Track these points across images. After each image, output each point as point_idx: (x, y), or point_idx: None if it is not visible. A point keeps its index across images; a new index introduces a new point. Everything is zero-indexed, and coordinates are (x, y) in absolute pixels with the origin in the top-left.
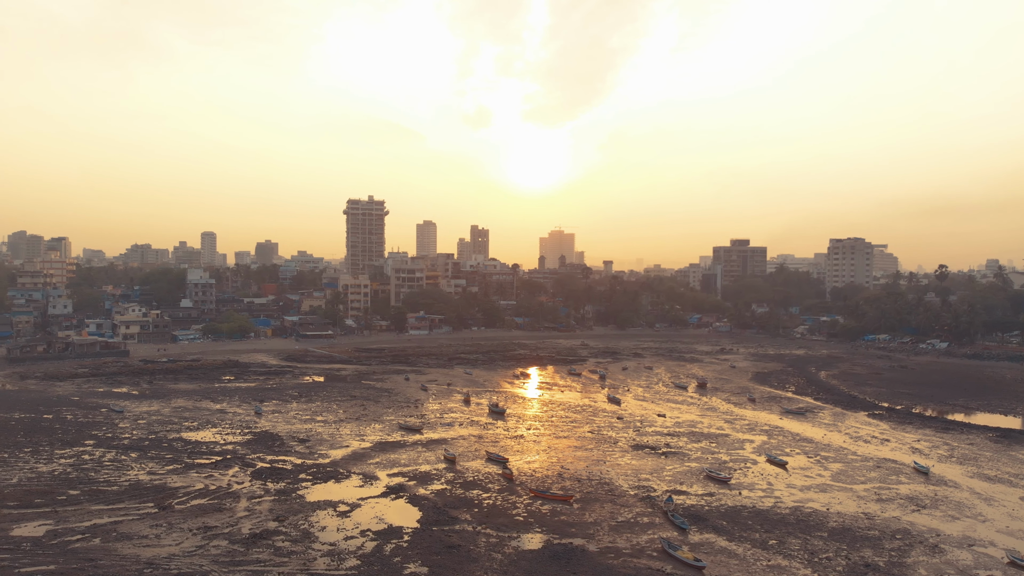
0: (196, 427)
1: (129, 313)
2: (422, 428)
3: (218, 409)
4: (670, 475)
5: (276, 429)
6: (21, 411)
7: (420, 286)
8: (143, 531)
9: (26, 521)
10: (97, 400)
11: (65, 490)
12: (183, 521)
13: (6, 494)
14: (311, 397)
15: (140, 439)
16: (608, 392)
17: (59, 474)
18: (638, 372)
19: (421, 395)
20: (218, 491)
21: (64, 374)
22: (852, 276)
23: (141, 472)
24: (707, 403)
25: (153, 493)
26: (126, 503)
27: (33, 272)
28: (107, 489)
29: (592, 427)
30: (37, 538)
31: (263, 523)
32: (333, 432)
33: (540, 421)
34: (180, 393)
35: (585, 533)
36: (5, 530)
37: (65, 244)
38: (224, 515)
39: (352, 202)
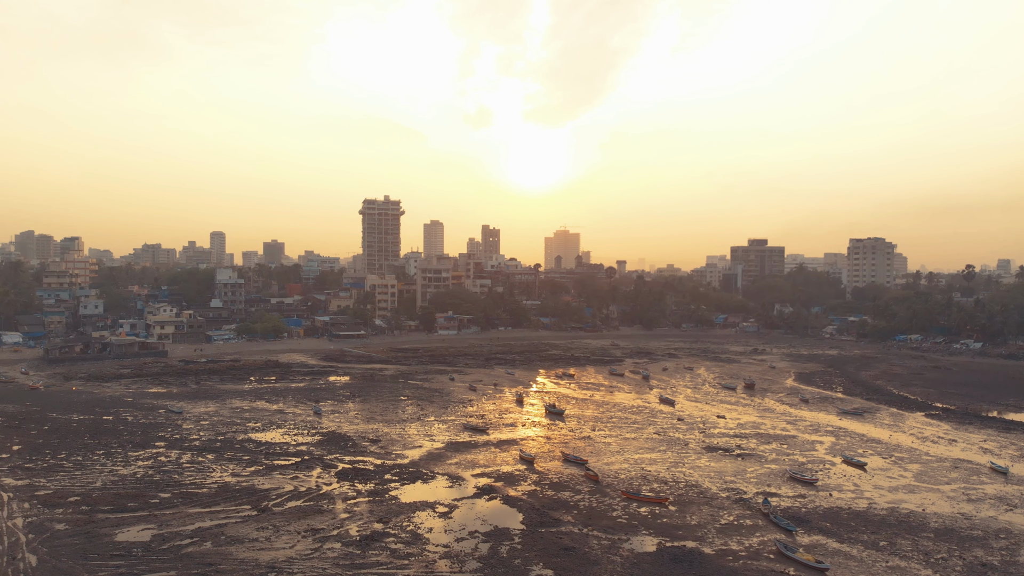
0: (261, 428)
1: (161, 313)
2: (487, 429)
3: (276, 410)
4: (754, 477)
5: (342, 429)
6: (79, 412)
7: (446, 286)
8: (251, 534)
9: (126, 526)
10: (151, 401)
11: (155, 493)
12: (287, 523)
13: (95, 498)
14: (366, 397)
15: (210, 440)
16: (660, 393)
17: (141, 477)
18: (679, 373)
19: (472, 395)
20: (309, 492)
21: (108, 375)
22: (873, 276)
23: (224, 474)
24: (761, 404)
25: (245, 495)
26: (221, 505)
27: (59, 272)
28: (197, 492)
29: (656, 428)
30: (145, 543)
31: (368, 525)
32: (400, 432)
33: (601, 422)
34: (232, 394)
35: (694, 536)
36: (108, 535)
37: (78, 244)
38: (325, 517)
39: (368, 202)
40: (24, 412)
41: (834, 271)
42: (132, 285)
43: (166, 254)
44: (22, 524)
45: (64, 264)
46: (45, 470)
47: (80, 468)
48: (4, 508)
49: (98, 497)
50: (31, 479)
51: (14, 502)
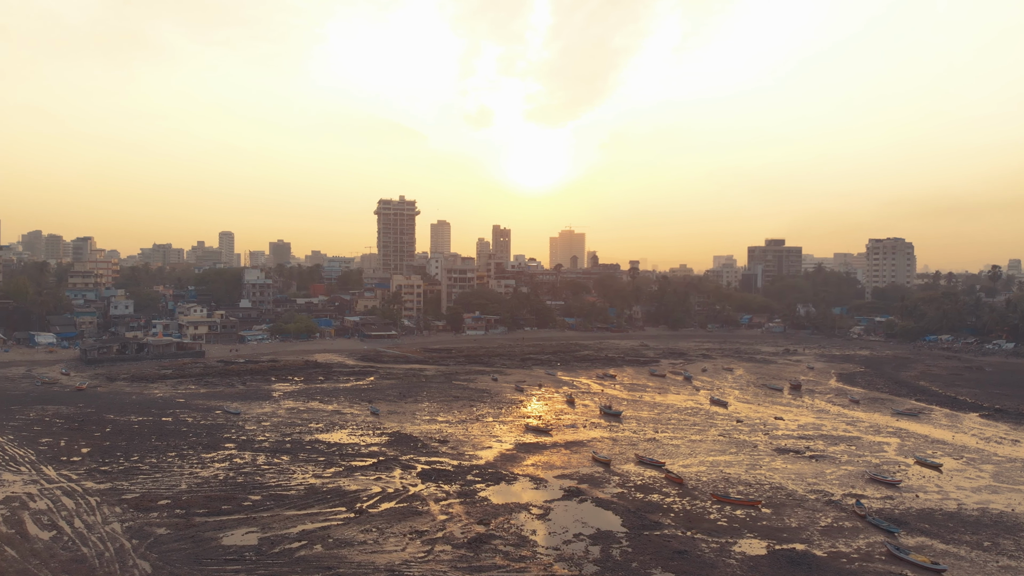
0: (324, 429)
1: (192, 314)
2: (550, 430)
3: (333, 410)
4: (834, 479)
5: (406, 430)
6: (135, 414)
7: (471, 287)
8: (356, 536)
9: (228, 529)
10: (204, 402)
11: (244, 495)
12: (388, 525)
13: (185, 501)
14: (417, 397)
15: (279, 442)
16: (710, 395)
17: (224, 479)
18: (719, 374)
19: (520, 396)
20: (398, 494)
21: (151, 375)
22: (893, 276)
23: (306, 476)
24: (812, 405)
25: (335, 497)
26: (316, 508)
27: (84, 272)
28: (285, 494)
29: (718, 430)
30: (254, 547)
31: (469, 527)
32: (464, 433)
33: (660, 424)
34: (282, 394)
35: (798, 538)
36: (213, 539)
37: (90, 244)
38: (424, 519)
39: (383, 202)
40: (80, 413)
41: (849, 271)
42: (157, 285)
43: (176, 254)
44: (121, 529)
45: (88, 264)
46: (123, 473)
47: (158, 470)
48: (96, 513)
49: (188, 500)
50: (112, 482)
51: (103, 506)
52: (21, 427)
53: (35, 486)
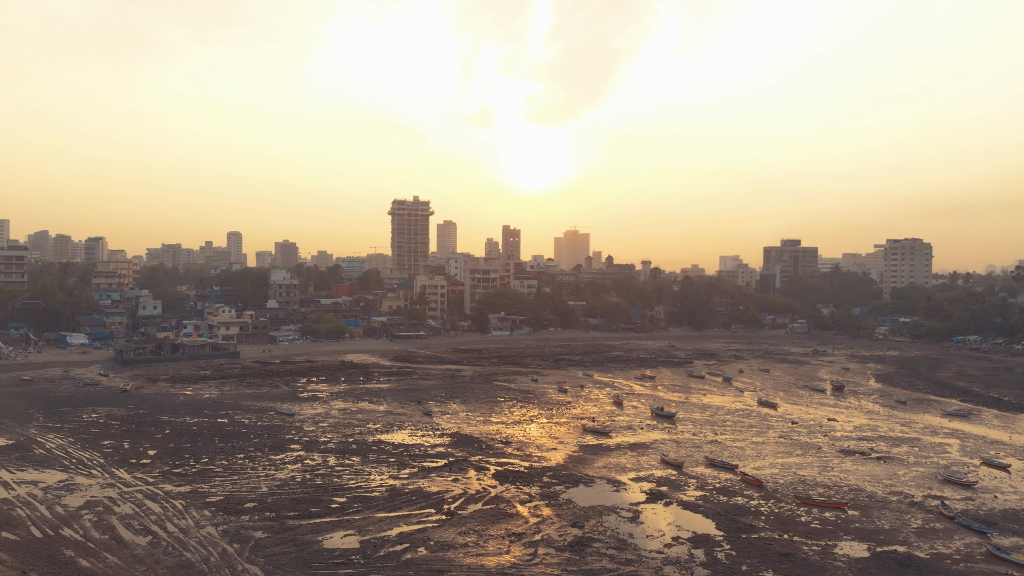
0: (382, 429)
1: (221, 314)
2: (609, 432)
3: (385, 411)
4: (908, 480)
5: (464, 431)
6: (189, 415)
7: (494, 287)
8: (456, 539)
9: (324, 532)
10: (252, 403)
11: (329, 497)
12: (483, 527)
13: (271, 503)
14: (463, 398)
15: (343, 443)
16: (757, 396)
17: (302, 481)
18: (756, 375)
19: (565, 397)
20: (480, 495)
21: (191, 377)
22: (911, 277)
23: (382, 477)
24: (860, 407)
25: (420, 498)
26: (405, 510)
27: (108, 272)
28: (370, 496)
29: (777, 432)
30: (358, 550)
31: (565, 529)
32: (525, 434)
33: (715, 425)
34: (329, 395)
35: (896, 540)
36: (314, 542)
37: (102, 244)
38: (516, 521)
39: (398, 202)
40: (133, 415)
41: (862, 271)
42: (180, 285)
43: (186, 254)
44: (217, 533)
45: (111, 264)
46: (197, 475)
47: (232, 472)
48: (186, 517)
49: (273, 503)
50: (190, 485)
51: (191, 509)
52: (79, 429)
53: (113, 489)
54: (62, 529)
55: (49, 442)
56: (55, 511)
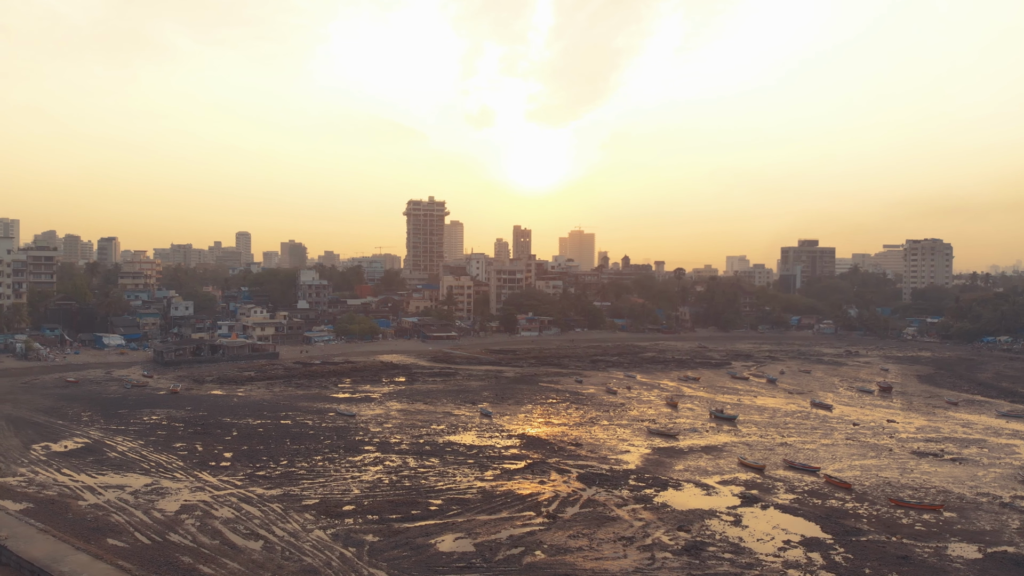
0: (446, 431)
1: (254, 315)
2: (676, 434)
3: (443, 412)
4: (990, 481)
5: (530, 432)
6: (250, 417)
7: (520, 287)
8: (568, 543)
9: (433, 535)
10: (308, 404)
11: (424, 499)
12: (590, 530)
13: (369, 506)
14: (516, 399)
15: (415, 444)
16: (806, 397)
17: (390, 483)
18: (797, 376)
19: (615, 399)
20: (574, 498)
21: (237, 378)
22: (932, 277)
23: (468, 479)
24: (912, 407)
25: (516, 500)
26: (505, 512)
27: (135, 273)
28: (464, 498)
29: (841, 434)
30: (475, 553)
31: (673, 533)
32: (592, 437)
33: (778, 428)
34: (380, 396)
35: (1001, 540)
36: (428, 546)
37: (115, 244)
38: (621, 524)
39: (413, 203)
40: (194, 417)
41: (877, 271)
42: (205, 286)
43: (197, 254)
44: (327, 536)
45: (137, 265)
46: (283, 478)
47: (317, 475)
48: (289, 520)
49: (371, 505)
50: (280, 488)
51: (291, 512)
52: (144, 431)
53: (203, 493)
54: (168, 535)
55: (120, 445)
56: (153, 516)
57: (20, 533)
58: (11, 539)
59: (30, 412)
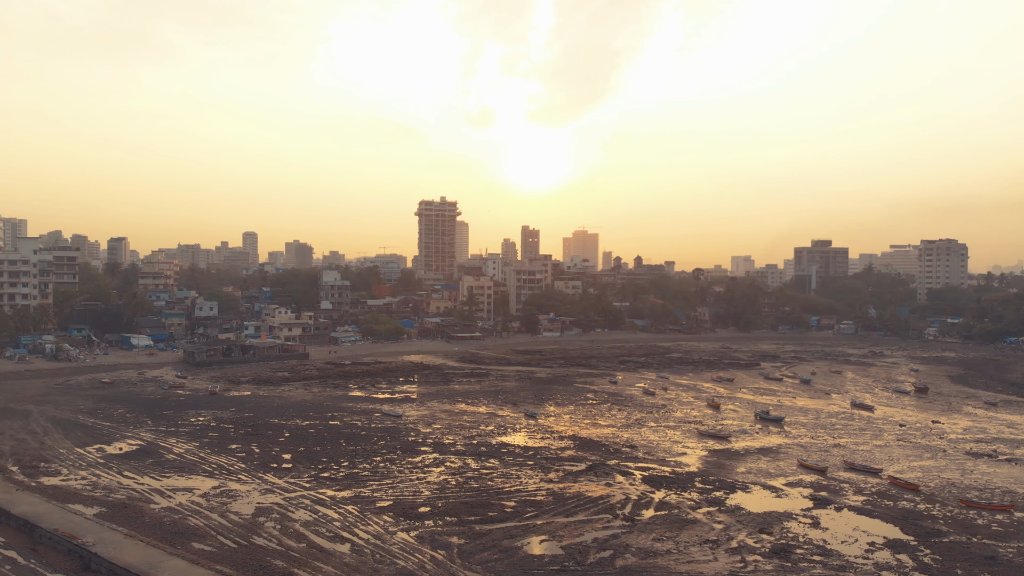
0: (496, 432)
1: (278, 315)
2: (728, 436)
3: (487, 413)
4: None
5: (580, 433)
6: (297, 418)
7: (540, 288)
8: (654, 546)
9: (517, 537)
10: (352, 404)
11: (497, 501)
12: (672, 533)
13: (443, 508)
14: (555, 400)
15: (470, 445)
16: (845, 398)
17: (457, 485)
18: (829, 377)
19: (653, 400)
20: (646, 500)
21: (271, 378)
22: (947, 278)
23: (535, 481)
24: (952, 407)
25: (588, 503)
26: (582, 515)
27: (155, 273)
28: (536, 499)
29: (891, 435)
30: (564, 556)
31: (756, 535)
32: (644, 438)
33: (825, 429)
34: (421, 396)
35: None
36: (516, 548)
37: (124, 244)
38: (701, 527)
39: (425, 203)
40: (240, 418)
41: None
42: (225, 286)
43: (205, 255)
44: (412, 538)
45: (158, 265)
46: (349, 480)
47: (382, 476)
48: (369, 522)
49: (446, 507)
50: (351, 489)
51: (368, 514)
52: (195, 433)
53: (274, 495)
54: (252, 538)
55: (175, 447)
56: (230, 519)
57: (106, 539)
58: (99, 545)
59: (73, 413)
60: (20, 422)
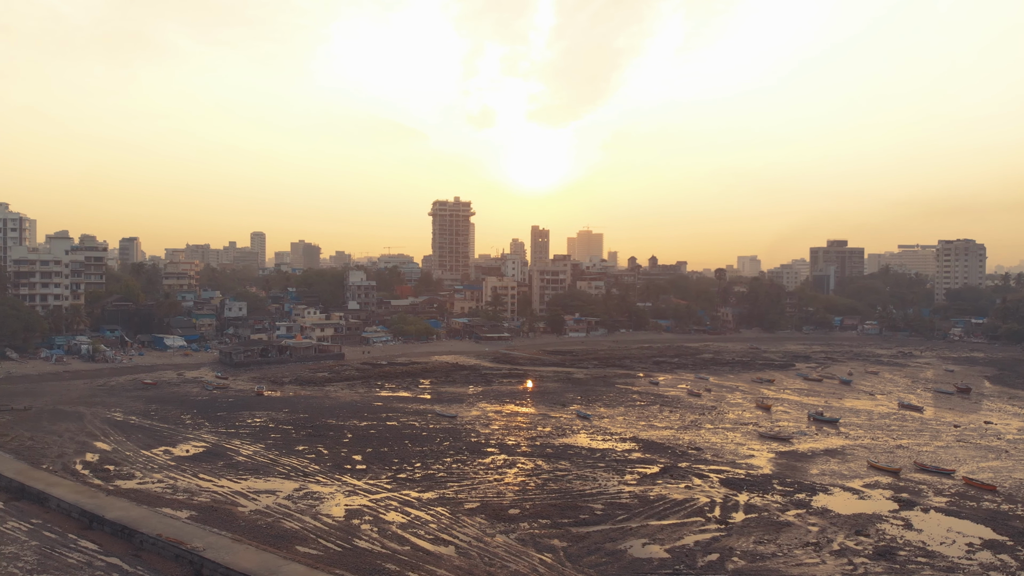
0: (555, 433)
1: (308, 316)
2: (789, 438)
3: (539, 414)
4: None
5: (641, 435)
6: (353, 418)
7: (563, 288)
8: (757, 548)
9: (618, 540)
10: (403, 405)
11: (584, 504)
12: (771, 536)
13: (531, 510)
14: (604, 401)
15: (534, 446)
16: (899, 398)
17: (537, 487)
18: (866, 377)
19: (700, 401)
20: (732, 502)
21: (313, 379)
22: (966, 278)
23: (615, 483)
24: (999, 408)
25: (676, 506)
26: (673, 518)
27: (179, 274)
28: (622, 502)
29: (949, 436)
30: (672, 559)
31: (854, 537)
32: (705, 440)
33: (881, 430)
34: (464, 397)
35: None
36: (622, 552)
37: (136, 244)
38: (796, 530)
39: (439, 203)
40: (295, 419)
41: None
42: (248, 286)
43: (214, 255)
44: (514, 541)
45: (182, 266)
46: (426, 481)
47: (460, 478)
48: (464, 525)
49: (535, 509)
50: (434, 491)
51: (460, 515)
52: (256, 434)
53: (359, 497)
54: (353, 540)
55: (241, 448)
56: (324, 521)
57: (213, 543)
58: (209, 550)
59: (125, 415)
60: (76, 424)
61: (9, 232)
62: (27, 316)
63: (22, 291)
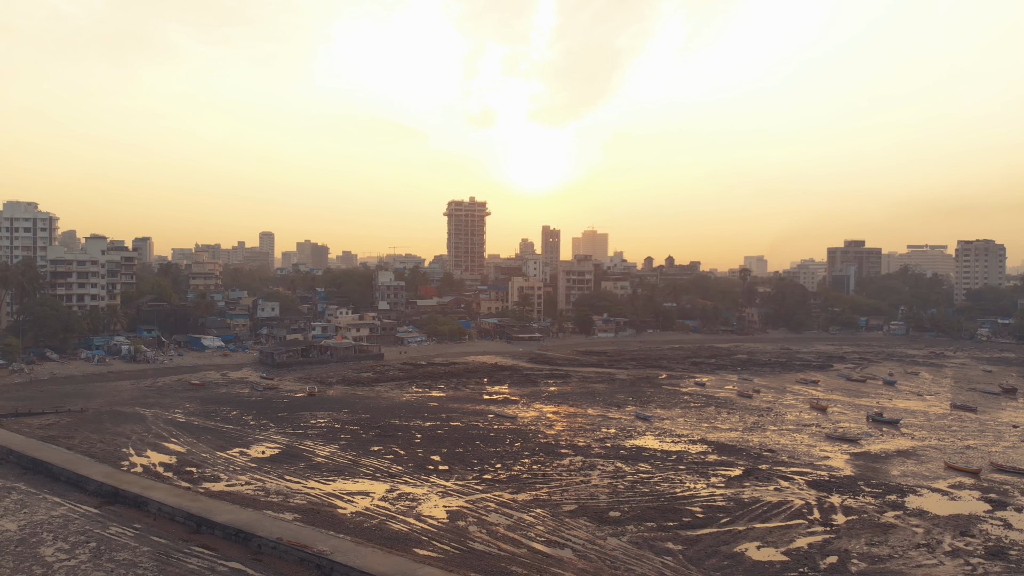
0: (620, 435)
1: (341, 316)
2: (857, 440)
3: (597, 415)
4: None
5: (709, 437)
6: (418, 419)
7: (588, 288)
8: (869, 551)
9: (726, 543)
10: (459, 405)
11: (681, 507)
12: (880, 538)
13: (631, 513)
14: (657, 402)
15: (605, 447)
16: (941, 399)
17: (627, 489)
18: (907, 378)
19: (753, 402)
20: (826, 504)
21: (359, 379)
22: (985, 278)
23: (702, 486)
24: None
25: (770, 508)
26: (775, 521)
27: (205, 274)
28: (718, 504)
29: (1014, 436)
30: (792, 562)
31: (961, 538)
32: (776, 442)
33: (941, 430)
34: (519, 397)
35: None
36: (739, 555)
37: (149, 244)
38: (903, 532)
39: (454, 203)
40: (359, 420)
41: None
42: (275, 287)
43: (225, 254)
44: (628, 543)
45: (208, 266)
46: (514, 483)
47: (546, 479)
48: (571, 527)
49: (635, 512)
50: (526, 493)
51: (563, 517)
52: (325, 435)
53: (454, 498)
54: (467, 543)
55: (317, 449)
56: (428, 523)
57: (338, 547)
58: (337, 553)
59: (185, 416)
60: (139, 425)
61: (39, 232)
62: (66, 316)
63: (59, 291)
